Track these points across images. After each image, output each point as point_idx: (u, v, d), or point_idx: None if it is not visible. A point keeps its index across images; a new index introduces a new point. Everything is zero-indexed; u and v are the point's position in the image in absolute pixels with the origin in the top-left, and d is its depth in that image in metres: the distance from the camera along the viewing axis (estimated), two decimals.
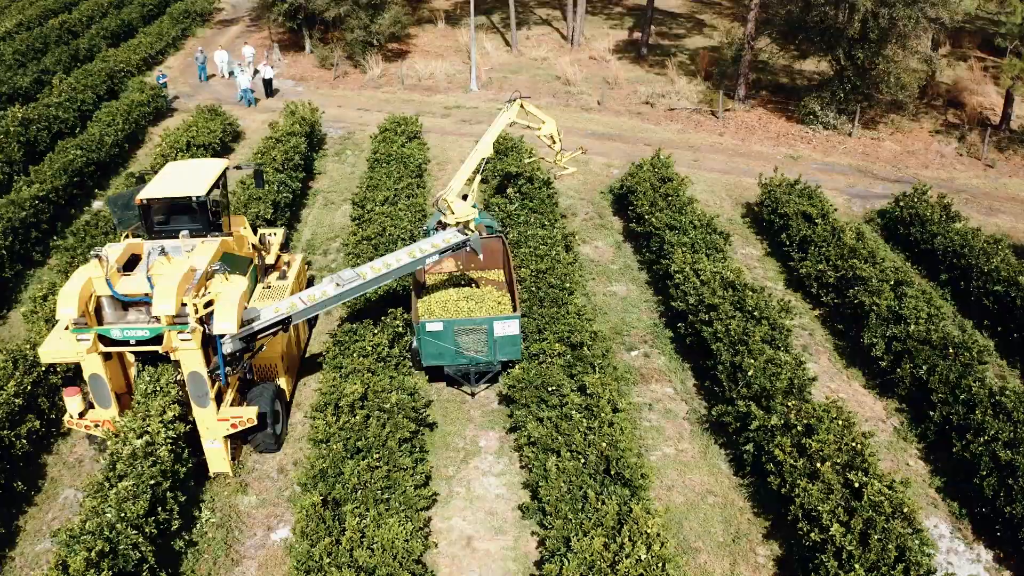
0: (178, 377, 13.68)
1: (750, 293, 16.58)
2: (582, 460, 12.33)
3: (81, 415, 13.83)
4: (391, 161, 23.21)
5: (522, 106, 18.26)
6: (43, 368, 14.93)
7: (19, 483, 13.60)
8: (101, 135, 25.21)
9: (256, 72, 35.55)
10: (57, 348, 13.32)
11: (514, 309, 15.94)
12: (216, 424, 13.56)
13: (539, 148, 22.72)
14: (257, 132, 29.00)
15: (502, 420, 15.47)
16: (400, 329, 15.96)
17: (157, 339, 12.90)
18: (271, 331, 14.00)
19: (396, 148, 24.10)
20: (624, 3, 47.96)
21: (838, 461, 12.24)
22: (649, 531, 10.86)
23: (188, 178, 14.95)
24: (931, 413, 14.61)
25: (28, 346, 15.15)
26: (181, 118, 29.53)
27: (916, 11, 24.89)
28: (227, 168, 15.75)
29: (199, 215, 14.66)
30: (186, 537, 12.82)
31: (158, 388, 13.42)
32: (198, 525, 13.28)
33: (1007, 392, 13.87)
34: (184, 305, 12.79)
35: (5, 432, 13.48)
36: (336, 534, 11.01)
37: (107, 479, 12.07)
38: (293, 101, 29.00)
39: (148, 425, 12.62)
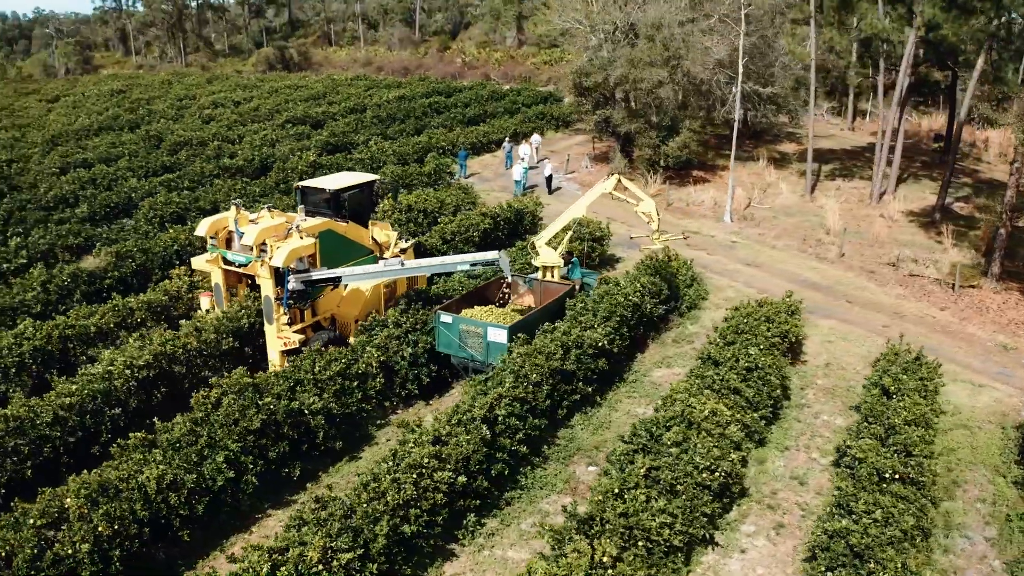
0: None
1: (704, 436, 14.93)
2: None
3: (208, 311, 19.28)
4: None
5: (620, 181, 21.00)
6: (141, 305, 19.76)
7: None
8: None
9: (537, 164, 39.71)
10: (201, 261, 19.46)
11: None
12: (275, 339, 18.21)
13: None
14: None
15: None
16: (373, 370, 17.50)
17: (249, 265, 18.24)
18: (326, 283, 18.53)
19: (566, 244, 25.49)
20: (978, 176, 42.63)
21: None
22: None
23: (337, 180, 20.72)
24: None
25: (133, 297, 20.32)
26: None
27: None
28: (374, 182, 21.19)
29: (332, 204, 19.73)
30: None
31: (147, 342, 17.21)
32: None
33: None
34: (264, 248, 17.81)
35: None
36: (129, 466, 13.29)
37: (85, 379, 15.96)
38: (531, 196, 32.11)
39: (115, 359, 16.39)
